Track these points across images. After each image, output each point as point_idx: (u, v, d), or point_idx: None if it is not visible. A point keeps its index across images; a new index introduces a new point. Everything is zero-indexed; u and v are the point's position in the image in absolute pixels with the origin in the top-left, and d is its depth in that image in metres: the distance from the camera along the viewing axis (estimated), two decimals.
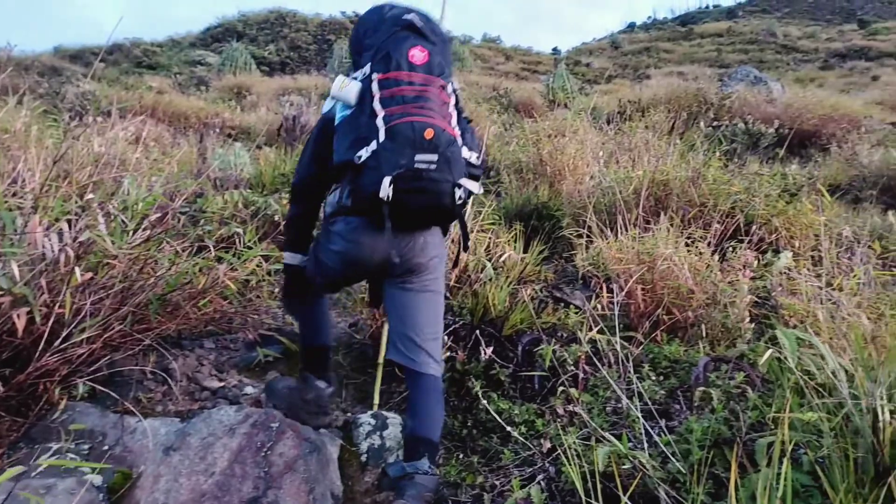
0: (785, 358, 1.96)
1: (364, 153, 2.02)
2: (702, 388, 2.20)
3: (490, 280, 3.31)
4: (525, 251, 4.10)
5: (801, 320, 2.83)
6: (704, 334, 2.95)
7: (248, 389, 2.97)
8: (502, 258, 3.40)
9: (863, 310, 2.61)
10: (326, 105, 2.32)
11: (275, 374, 3.24)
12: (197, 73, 22.07)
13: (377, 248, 2.18)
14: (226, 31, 38.69)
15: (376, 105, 2.05)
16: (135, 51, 31.10)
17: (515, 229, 4.44)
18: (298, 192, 2.50)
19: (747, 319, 3.01)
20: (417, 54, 2.11)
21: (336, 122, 2.18)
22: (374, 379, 3.15)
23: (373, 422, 2.63)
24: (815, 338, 1.97)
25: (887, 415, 1.52)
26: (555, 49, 56.13)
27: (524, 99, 15.30)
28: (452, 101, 2.18)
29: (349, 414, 2.85)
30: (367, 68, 2.13)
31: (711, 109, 10.57)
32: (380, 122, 2.03)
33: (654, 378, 2.51)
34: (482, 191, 2.24)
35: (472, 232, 3.51)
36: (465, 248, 2.52)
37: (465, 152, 2.15)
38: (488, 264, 3.41)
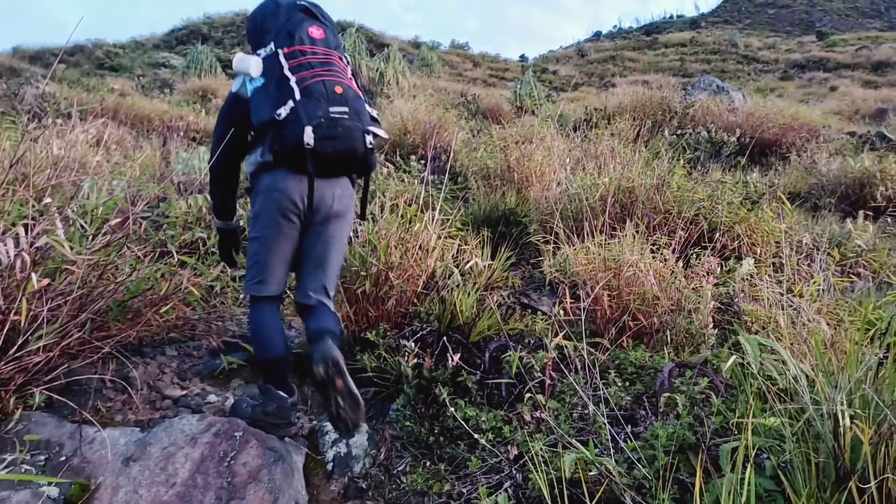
0: (748, 364, 1.99)
1: (283, 111, 2.31)
2: (667, 394, 2.22)
3: (458, 286, 3.30)
4: (493, 257, 4.11)
5: (763, 326, 2.87)
6: (669, 340, 2.98)
7: (211, 398, 2.91)
8: (469, 265, 3.39)
9: (823, 316, 2.66)
10: (235, 84, 2.58)
11: (239, 382, 3.20)
12: (161, 76, 21.78)
13: (302, 193, 2.42)
14: (191, 33, 38.22)
15: (287, 73, 2.37)
16: (97, 52, 30.57)
17: (483, 235, 4.44)
18: (215, 168, 2.65)
19: (711, 325, 3.06)
20: (315, 31, 2.52)
21: (249, 94, 2.46)
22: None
23: None
24: (776, 344, 2.00)
25: (847, 420, 1.54)
26: (522, 56, 56.66)
27: (492, 105, 15.34)
28: (349, 70, 2.57)
29: (315, 422, 2.82)
30: (270, 46, 2.47)
31: (675, 118, 10.73)
32: (293, 84, 2.34)
33: (620, 384, 2.52)
34: (372, 138, 2.46)
35: (440, 238, 3.50)
36: (368, 201, 2.85)
37: (370, 109, 2.53)
38: (456, 271, 3.40)
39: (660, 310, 3.10)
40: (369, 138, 2.43)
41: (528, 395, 2.51)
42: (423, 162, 6.89)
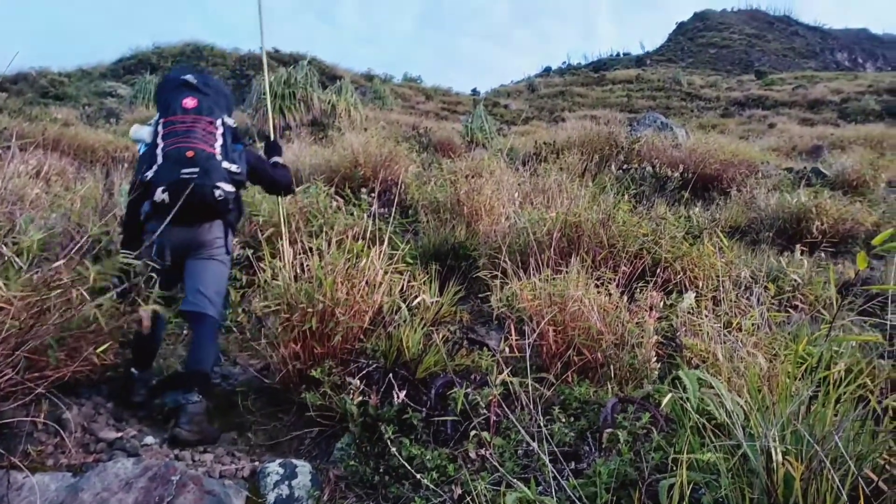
0: (686, 399, 2.02)
1: (150, 173, 2.98)
2: (609, 430, 2.24)
3: (405, 322, 3.29)
4: (441, 292, 4.11)
5: (703, 360, 2.93)
6: (613, 374, 3.01)
7: (149, 440, 2.83)
8: (416, 301, 3.39)
9: (759, 350, 2.73)
10: (139, 147, 3.22)
11: None
12: (107, 105, 21.38)
13: (176, 236, 3.02)
14: (139, 62, 37.72)
15: (158, 140, 3.05)
16: (41, 80, 29.88)
17: (432, 269, 4.44)
18: (126, 212, 3.25)
19: (654, 359, 3.10)
20: (189, 102, 3.15)
21: (138, 156, 3.14)
22: (286, 425, 3.08)
23: (281, 471, 2.54)
24: (714, 379, 2.04)
25: (779, 455, 1.57)
26: (474, 90, 57.53)
27: (443, 138, 15.47)
28: (220, 131, 3.15)
29: (256, 462, 2.75)
30: (156, 116, 3.17)
31: (622, 153, 10.97)
32: (159, 151, 3.02)
33: (564, 420, 2.53)
34: (226, 190, 3.03)
35: (388, 273, 3.49)
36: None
37: (226, 164, 3.08)
38: (403, 306, 3.39)
39: (604, 344, 3.14)
40: (218, 192, 2.99)
41: (473, 432, 2.50)
42: (373, 195, 6.89)
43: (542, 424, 2.32)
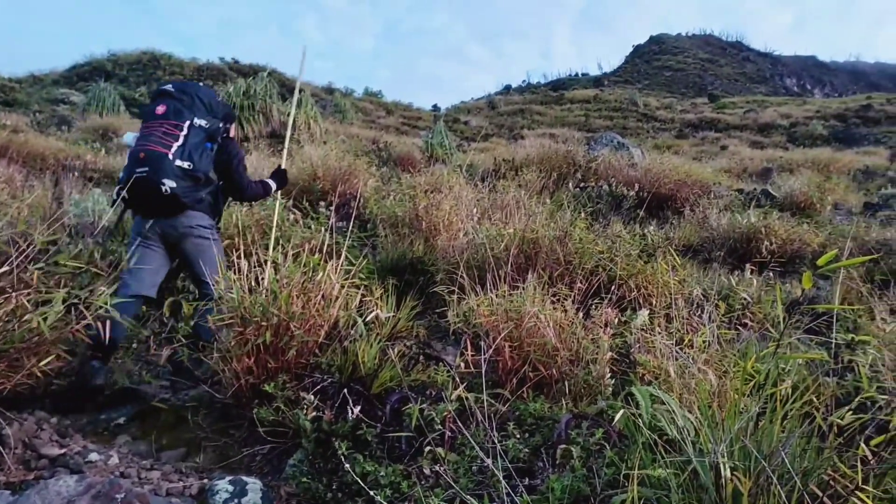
0: (639, 415, 2.04)
1: (123, 173, 3.52)
2: (563, 446, 2.25)
3: (361, 337, 3.26)
4: (398, 306, 4.09)
5: (655, 376, 2.97)
6: (568, 390, 3.03)
7: (93, 456, 2.73)
8: (371, 316, 3.36)
9: (710, 366, 2.78)
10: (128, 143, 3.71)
11: (125, 438, 3.03)
12: (59, 112, 20.86)
13: (161, 226, 3.61)
14: (94, 69, 36.90)
15: (134, 144, 3.56)
16: None
17: (389, 284, 4.42)
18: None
19: (608, 375, 3.13)
20: (160, 109, 3.62)
21: None
22: (237, 441, 3.02)
23: (231, 488, 2.48)
24: (666, 395, 2.06)
25: (728, 471, 1.60)
26: (434, 106, 57.82)
27: (404, 153, 15.48)
28: (184, 132, 3.56)
29: (205, 480, 2.68)
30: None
31: (580, 171, 11.12)
32: (130, 153, 3.55)
33: (519, 436, 2.54)
34: (176, 184, 3.44)
35: (344, 287, 3.46)
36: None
37: (178, 162, 3.47)
38: (359, 320, 3.36)
39: (559, 360, 3.16)
40: (165, 187, 3.39)
41: (428, 448, 2.49)
42: (331, 208, 6.85)
43: (496, 440, 2.32)
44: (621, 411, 2.02)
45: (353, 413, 2.72)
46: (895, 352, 3.11)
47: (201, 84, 4.00)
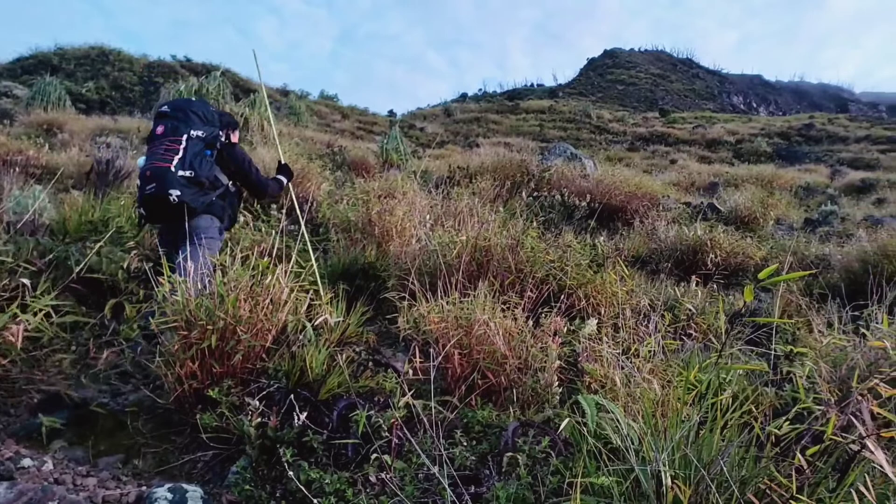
0: (585, 423, 2.06)
1: (138, 193, 3.93)
2: (510, 454, 2.25)
3: (310, 342, 3.22)
4: (348, 311, 4.06)
5: (602, 385, 3.01)
6: (516, 398, 3.05)
7: (26, 462, 2.62)
8: (318, 321, 3.33)
9: (654, 376, 2.83)
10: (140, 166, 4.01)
11: (61, 444, 2.92)
12: (1, 106, 20.13)
13: (165, 231, 4.13)
14: (39, 63, 35.75)
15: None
16: None
17: (339, 289, 4.38)
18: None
19: (556, 384, 3.16)
20: (159, 129, 4.01)
21: None
22: (178, 447, 2.95)
23: (170, 496, 2.41)
24: (612, 404, 2.09)
25: (669, 479, 1.62)
26: (391, 111, 57.77)
27: (358, 158, 15.38)
28: (182, 145, 3.92)
29: (144, 487, 2.60)
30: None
31: (533, 180, 11.23)
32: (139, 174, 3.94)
33: (466, 443, 2.54)
34: (181, 192, 3.80)
35: (293, 291, 3.41)
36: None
37: (181, 172, 3.85)
38: (308, 325, 3.32)
39: (508, 368, 3.17)
40: (172, 197, 3.77)
41: (374, 455, 2.47)
42: (282, 211, 6.76)
43: (443, 448, 2.31)
44: (566, 420, 2.03)
45: (299, 419, 2.68)
46: (831, 364, 3.22)
47: (194, 98, 4.48)
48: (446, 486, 1.90)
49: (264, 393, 2.92)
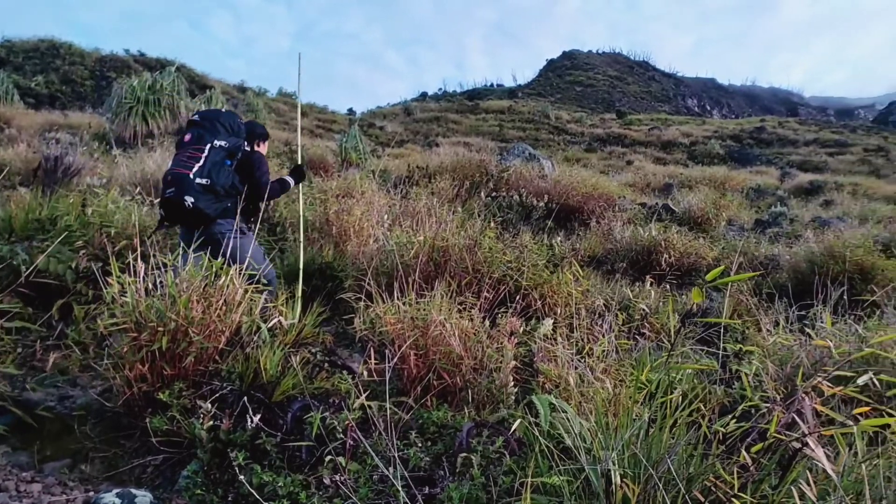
0: (538, 423, 2.08)
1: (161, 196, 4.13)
2: (464, 454, 2.26)
3: (265, 343, 3.18)
4: (304, 312, 4.02)
5: (556, 385, 3.03)
6: (471, 399, 3.06)
7: None
8: (272, 322, 3.29)
9: (608, 375, 2.87)
10: None
11: (5, 449, 2.83)
12: None
13: (185, 233, 4.21)
14: None
15: None
16: None
17: (296, 289, 4.34)
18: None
19: (511, 384, 3.18)
20: (187, 136, 4.23)
21: None
22: (127, 451, 2.89)
23: (118, 501, 2.36)
24: (565, 403, 2.11)
25: (618, 478, 1.65)
26: (350, 110, 57.44)
27: (317, 156, 15.25)
28: (205, 154, 4.11)
29: (91, 492, 2.54)
30: None
31: (491, 181, 11.28)
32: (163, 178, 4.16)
33: (420, 444, 2.54)
34: (195, 198, 3.97)
35: (248, 292, 3.37)
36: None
37: (199, 180, 4.02)
38: (263, 326, 3.27)
39: (464, 369, 3.18)
40: (187, 203, 3.94)
41: (329, 457, 2.45)
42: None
43: (398, 449, 2.31)
44: (518, 420, 2.05)
45: (252, 422, 2.65)
46: (778, 362, 3.31)
47: (223, 109, 4.53)
48: (399, 488, 1.90)
49: (217, 395, 2.87)
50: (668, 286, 6.00)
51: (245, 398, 2.83)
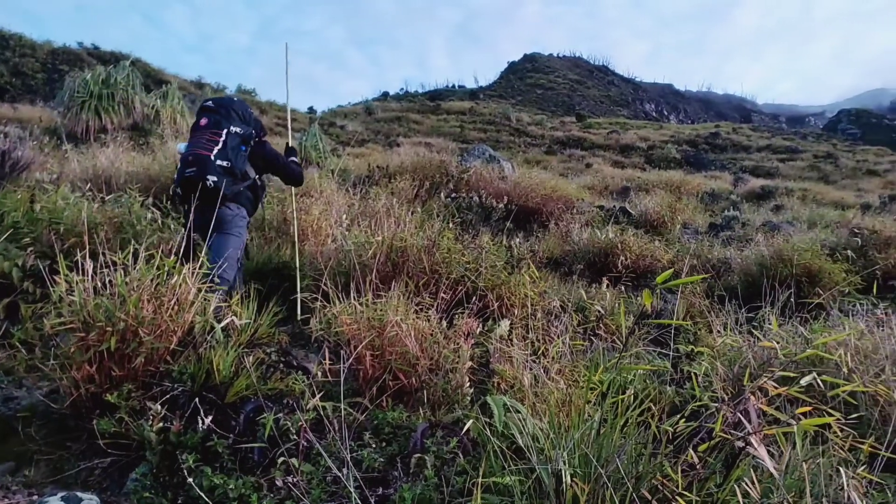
0: (492, 423, 2.09)
1: (177, 175, 4.48)
2: (418, 455, 2.26)
3: (218, 343, 3.13)
4: (260, 312, 3.98)
5: (511, 386, 3.06)
6: (427, 399, 3.06)
7: None
8: (225, 322, 3.24)
9: (562, 376, 2.90)
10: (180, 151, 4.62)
11: None
12: None
13: (198, 216, 4.29)
14: None
15: (184, 151, 4.48)
16: None
17: (251, 288, 4.30)
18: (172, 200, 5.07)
19: (467, 384, 3.19)
20: (203, 120, 4.54)
21: None
22: (74, 454, 2.81)
23: None
24: (519, 404, 2.13)
25: (569, 478, 1.67)
26: (311, 108, 56.87)
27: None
28: (223, 138, 4.45)
29: (35, 496, 2.47)
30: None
31: (452, 181, 11.31)
32: (180, 158, 4.49)
33: (375, 445, 2.53)
34: (217, 178, 4.30)
35: (201, 291, 3.31)
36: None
37: (219, 162, 4.36)
38: (217, 326, 3.22)
39: (420, 369, 3.18)
40: (209, 182, 4.27)
41: (281, 459, 2.42)
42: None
43: (352, 450, 2.30)
44: (471, 421, 2.06)
45: (203, 423, 2.60)
46: (727, 363, 3.39)
47: (235, 98, 4.87)
48: (352, 489, 1.89)
49: (168, 397, 2.82)
50: (623, 288, 6.08)
51: (197, 399, 2.79)
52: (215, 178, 4.29)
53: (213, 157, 4.35)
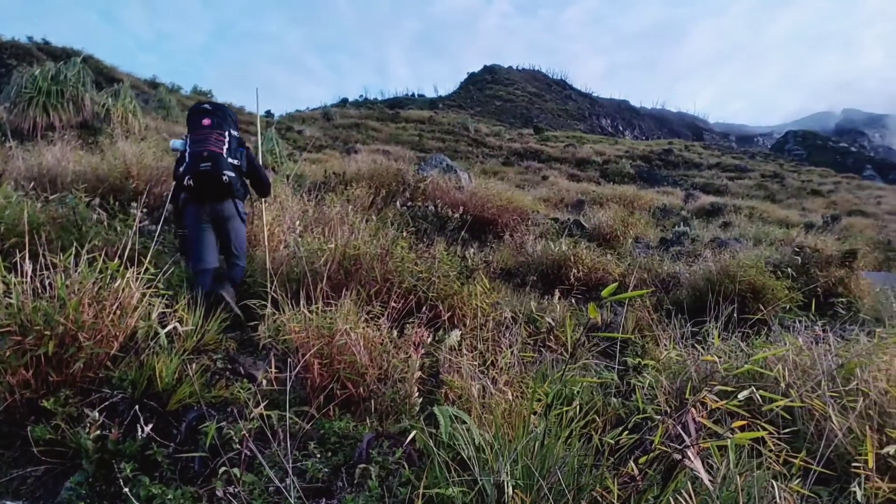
0: (438, 434, 2.09)
1: (181, 169, 4.70)
2: (363, 465, 2.24)
3: (162, 349, 3.06)
4: (207, 318, 3.90)
5: (459, 396, 3.06)
6: (374, 409, 3.04)
7: None
8: (169, 328, 3.17)
9: (510, 387, 2.91)
10: (176, 145, 4.93)
11: None
12: None
13: (202, 210, 4.75)
14: None
15: (188, 148, 4.75)
16: None
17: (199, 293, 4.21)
18: (172, 195, 4.92)
19: (416, 395, 3.18)
20: (206, 121, 4.82)
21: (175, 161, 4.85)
22: (6, 462, 2.71)
23: None
24: (466, 415, 2.13)
25: (510, 489, 1.68)
26: (268, 112, 56.27)
27: None
28: (227, 139, 4.81)
29: None
30: (187, 131, 4.89)
31: (408, 190, 11.29)
32: (188, 154, 4.71)
33: (320, 455, 2.50)
34: (232, 175, 4.71)
35: (145, 296, 3.24)
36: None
37: (230, 160, 4.76)
38: (162, 332, 3.15)
39: (368, 379, 3.16)
40: (225, 177, 4.65)
41: (223, 469, 2.38)
42: (144, 210, 6.40)
43: (296, 459, 2.27)
44: (414, 431, 2.06)
45: (143, 431, 2.54)
46: (671, 376, 3.45)
47: (224, 105, 5.23)
48: (293, 500, 1.87)
49: (107, 403, 2.75)
50: (575, 300, 6.15)
51: (137, 407, 2.72)
52: (231, 174, 4.69)
53: (225, 155, 4.72)
